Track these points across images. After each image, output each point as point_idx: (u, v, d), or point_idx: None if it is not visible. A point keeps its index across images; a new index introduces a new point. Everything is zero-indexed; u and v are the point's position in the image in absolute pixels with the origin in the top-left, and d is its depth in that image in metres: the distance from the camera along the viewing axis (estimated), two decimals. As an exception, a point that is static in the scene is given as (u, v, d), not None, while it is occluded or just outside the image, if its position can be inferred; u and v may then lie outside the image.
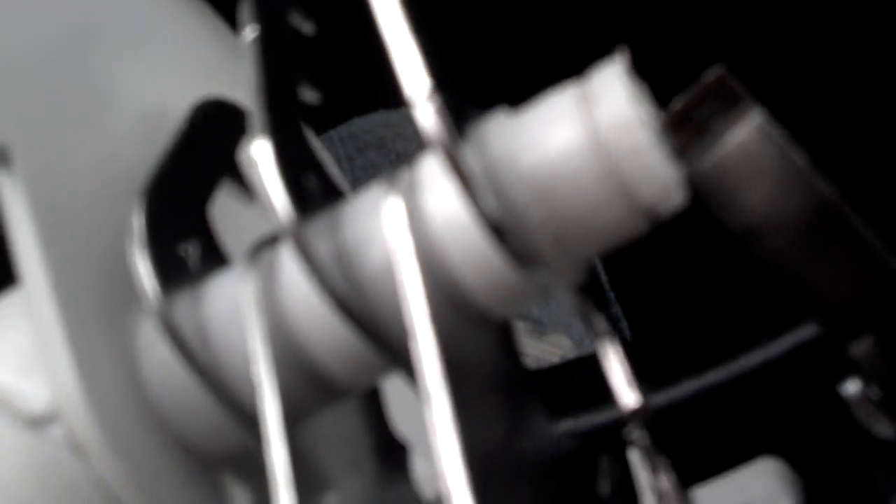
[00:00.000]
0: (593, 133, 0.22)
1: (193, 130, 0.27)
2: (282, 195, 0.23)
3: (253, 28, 0.25)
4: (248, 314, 0.24)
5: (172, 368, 0.25)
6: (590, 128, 0.22)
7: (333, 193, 0.25)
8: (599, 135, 0.22)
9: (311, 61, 0.26)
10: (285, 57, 0.25)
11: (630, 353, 0.24)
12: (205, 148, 0.27)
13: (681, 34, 0.64)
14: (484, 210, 0.22)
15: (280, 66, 0.25)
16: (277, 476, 0.23)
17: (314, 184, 0.24)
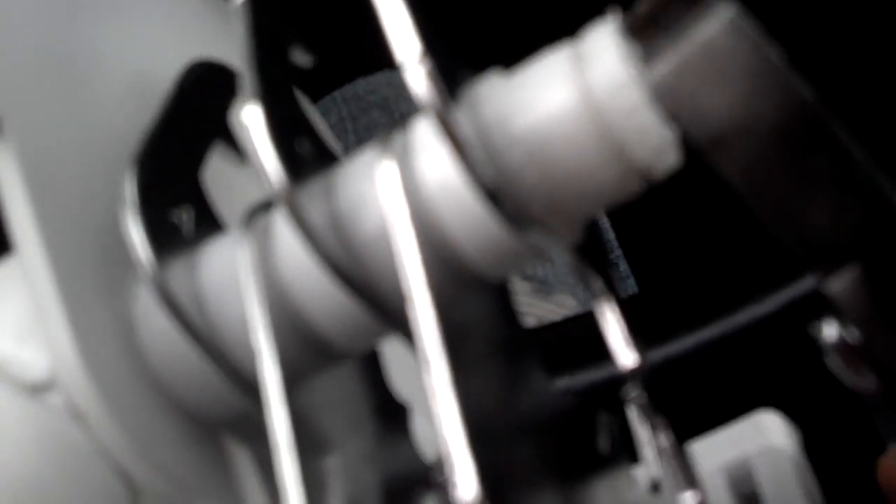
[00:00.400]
0: (587, 94, 0.22)
1: (184, 94, 0.27)
2: (274, 160, 0.23)
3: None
4: (245, 280, 0.24)
5: (170, 335, 0.25)
6: (583, 89, 0.22)
7: (327, 157, 0.25)
8: (593, 96, 0.22)
9: (312, 21, 0.26)
10: (277, 19, 0.25)
11: (637, 308, 0.23)
12: (196, 111, 0.27)
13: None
14: (477, 173, 0.22)
15: (271, 29, 0.24)
16: (278, 439, 0.23)
17: (307, 148, 0.24)
